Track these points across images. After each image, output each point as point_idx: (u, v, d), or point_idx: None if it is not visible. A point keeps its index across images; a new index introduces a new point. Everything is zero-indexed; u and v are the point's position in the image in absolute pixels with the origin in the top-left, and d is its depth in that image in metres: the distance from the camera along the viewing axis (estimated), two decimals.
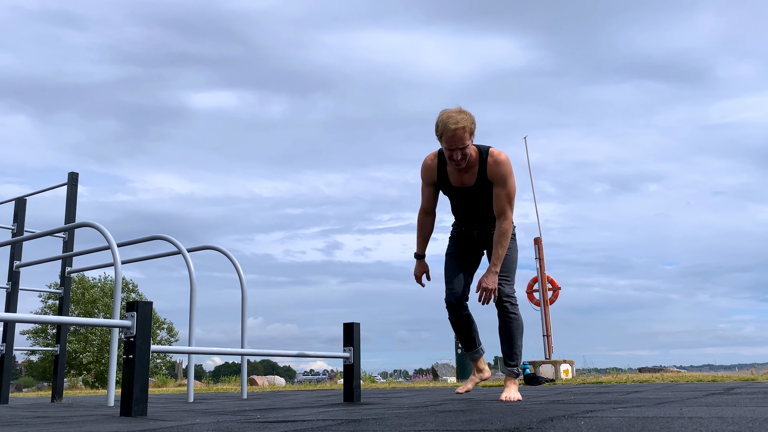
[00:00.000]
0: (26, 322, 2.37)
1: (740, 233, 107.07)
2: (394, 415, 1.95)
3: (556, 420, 1.53)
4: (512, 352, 2.79)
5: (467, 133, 2.58)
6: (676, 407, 1.85)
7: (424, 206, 2.90)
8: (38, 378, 25.00)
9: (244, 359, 4.75)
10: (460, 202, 2.83)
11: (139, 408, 2.22)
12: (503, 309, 2.78)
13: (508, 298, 2.77)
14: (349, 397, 3.15)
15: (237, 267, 4.61)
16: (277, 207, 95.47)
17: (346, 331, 3.22)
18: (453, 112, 2.59)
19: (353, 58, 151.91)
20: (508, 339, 2.78)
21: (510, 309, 2.77)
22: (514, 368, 2.81)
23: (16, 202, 5.49)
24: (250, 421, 1.89)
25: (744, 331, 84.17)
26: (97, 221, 3.86)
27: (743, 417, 1.45)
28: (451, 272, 2.87)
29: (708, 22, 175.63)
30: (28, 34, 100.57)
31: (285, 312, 65.71)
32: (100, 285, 23.36)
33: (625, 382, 5.12)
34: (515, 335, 2.78)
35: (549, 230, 75.26)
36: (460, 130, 2.55)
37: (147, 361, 2.27)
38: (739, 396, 2.41)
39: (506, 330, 2.78)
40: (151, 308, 2.33)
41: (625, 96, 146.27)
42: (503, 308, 2.78)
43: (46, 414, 2.84)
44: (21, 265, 5.27)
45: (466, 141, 2.58)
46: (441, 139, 2.62)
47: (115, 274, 3.65)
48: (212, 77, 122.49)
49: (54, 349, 5.33)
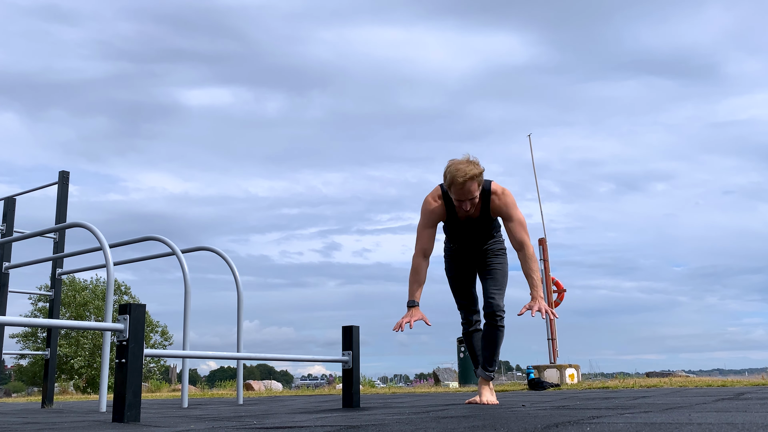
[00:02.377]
0: (16, 325, 2.31)
1: (750, 234, 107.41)
2: (394, 420, 1.91)
3: (561, 426, 1.50)
4: (492, 359, 2.97)
5: (476, 185, 2.65)
6: (685, 413, 1.82)
7: (423, 248, 2.81)
8: (28, 383, 24.79)
9: (240, 363, 4.69)
10: (459, 230, 2.95)
11: (132, 414, 2.17)
12: (494, 320, 2.93)
13: (500, 312, 2.94)
14: (348, 402, 3.11)
15: (232, 268, 4.56)
16: (274, 207, 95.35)
17: (345, 334, 3.17)
18: (462, 165, 2.62)
19: (352, 53, 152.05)
20: (492, 346, 2.95)
21: (499, 321, 2.94)
22: (491, 373, 3.00)
23: (6, 202, 5.41)
24: (247, 427, 1.85)
25: (754, 335, 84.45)
26: (88, 221, 3.80)
27: (754, 423, 1.42)
28: (461, 292, 3.05)
29: (716, 17, 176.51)
30: (17, 29, 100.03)
31: (282, 315, 65.63)
32: (92, 287, 23.20)
33: (632, 387, 5.08)
34: (498, 344, 2.96)
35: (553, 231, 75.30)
36: (469, 182, 2.61)
37: (140, 365, 2.22)
38: (749, 401, 2.38)
39: (491, 338, 2.94)
40: (145, 311, 2.28)
41: (631, 93, 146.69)
42: (494, 319, 2.93)
43: (36, 420, 2.78)
44: (10, 266, 5.19)
45: (475, 193, 2.67)
46: (450, 189, 2.67)
47: (107, 275, 3.60)
48: (206, 73, 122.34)
49: (44, 353, 5.25)
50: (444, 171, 2.67)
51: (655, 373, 11.39)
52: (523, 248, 2.76)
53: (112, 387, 2.39)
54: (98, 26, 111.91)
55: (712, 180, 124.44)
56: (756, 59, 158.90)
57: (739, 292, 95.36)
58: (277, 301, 63.89)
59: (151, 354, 2.49)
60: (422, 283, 2.80)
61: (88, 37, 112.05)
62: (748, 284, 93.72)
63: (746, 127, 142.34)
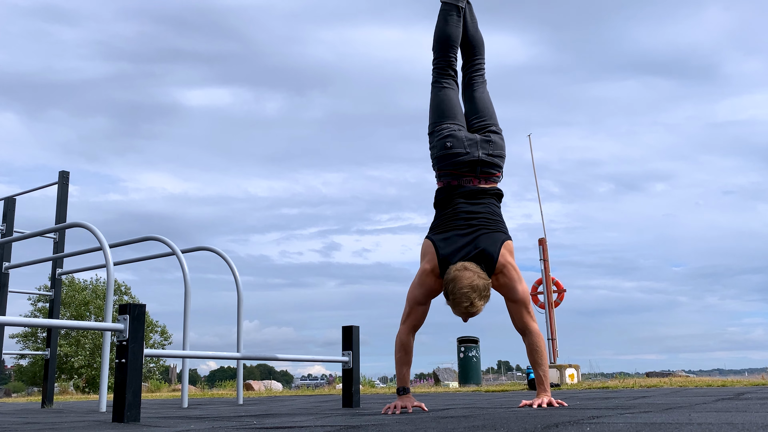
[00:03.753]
0: (16, 325, 2.31)
1: (750, 234, 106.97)
2: (394, 421, 1.91)
3: (561, 426, 1.50)
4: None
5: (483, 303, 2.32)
6: (685, 413, 1.81)
7: (414, 325, 2.47)
8: (28, 383, 24.75)
9: (240, 363, 4.69)
10: None
11: (132, 414, 2.17)
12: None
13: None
14: (348, 402, 3.10)
15: (232, 268, 4.56)
16: (274, 207, 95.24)
17: (345, 334, 3.17)
18: (467, 288, 2.24)
19: (351, 54, 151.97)
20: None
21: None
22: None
23: (6, 202, 5.41)
24: (246, 427, 1.85)
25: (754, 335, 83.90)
26: (88, 221, 3.80)
27: (754, 423, 1.42)
28: None
29: (715, 18, 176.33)
30: (17, 30, 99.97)
31: (281, 315, 65.54)
32: (92, 287, 23.19)
33: (632, 387, 5.08)
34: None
35: (553, 231, 75.08)
36: (474, 313, 2.31)
37: (140, 365, 2.22)
38: (749, 401, 2.37)
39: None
40: (144, 311, 2.28)
41: (630, 93, 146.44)
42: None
43: (36, 420, 2.78)
44: (10, 266, 5.19)
45: (481, 309, 2.33)
46: (451, 305, 2.32)
47: (107, 275, 3.60)
48: (206, 74, 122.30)
49: (44, 353, 5.25)
50: (448, 285, 2.29)
51: (655, 373, 11.38)
52: (527, 334, 2.41)
53: (112, 387, 2.39)
54: (98, 26, 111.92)
55: (711, 180, 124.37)
56: (755, 59, 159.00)
57: (739, 292, 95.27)
58: (277, 301, 63.83)
59: (151, 354, 2.49)
60: (411, 364, 2.48)
61: (87, 37, 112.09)
62: (748, 284, 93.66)
63: (746, 127, 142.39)
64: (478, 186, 2.54)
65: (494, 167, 2.57)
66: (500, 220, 2.54)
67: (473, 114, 2.71)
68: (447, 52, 2.76)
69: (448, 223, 2.48)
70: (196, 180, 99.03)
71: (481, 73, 2.83)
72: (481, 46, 2.85)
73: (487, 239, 2.41)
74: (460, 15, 2.78)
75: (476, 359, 10.10)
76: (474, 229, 2.44)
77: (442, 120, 2.64)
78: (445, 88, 2.72)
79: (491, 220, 2.49)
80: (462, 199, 2.51)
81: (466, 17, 2.82)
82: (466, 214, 2.47)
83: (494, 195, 2.57)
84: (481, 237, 2.42)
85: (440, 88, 2.72)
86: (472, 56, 2.83)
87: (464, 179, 2.54)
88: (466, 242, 2.41)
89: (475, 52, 2.83)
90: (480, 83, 2.79)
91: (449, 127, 2.60)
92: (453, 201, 2.52)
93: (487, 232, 2.44)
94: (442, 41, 2.76)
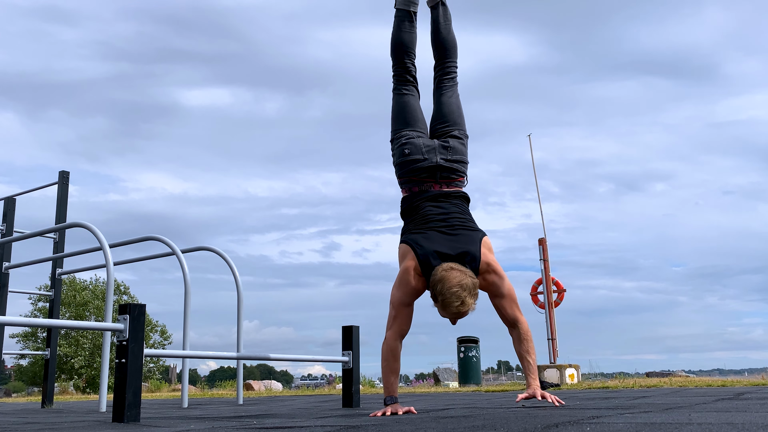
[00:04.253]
0: (16, 325, 2.31)
1: (750, 234, 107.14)
2: (394, 421, 1.91)
3: (561, 426, 1.50)
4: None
5: (473, 302, 2.29)
6: (685, 413, 1.82)
7: (401, 330, 2.38)
8: (28, 383, 24.74)
9: (240, 363, 4.69)
10: None
11: (132, 414, 2.17)
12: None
13: None
14: (348, 402, 3.10)
15: (232, 268, 4.56)
16: (273, 207, 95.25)
17: (345, 334, 3.17)
18: (456, 287, 2.21)
19: (350, 54, 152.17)
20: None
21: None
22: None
23: (6, 202, 5.41)
24: (246, 427, 1.85)
25: (754, 335, 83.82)
26: (88, 221, 3.80)
27: (754, 423, 1.42)
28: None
29: (714, 18, 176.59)
30: (17, 30, 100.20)
31: (281, 315, 65.52)
32: (92, 287, 23.17)
33: (632, 387, 5.07)
34: None
35: (553, 231, 74.99)
36: (464, 312, 2.28)
37: (140, 365, 2.22)
38: (749, 401, 2.37)
39: None
40: (144, 311, 2.28)
41: (630, 93, 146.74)
42: None
43: (36, 420, 2.78)
44: (10, 266, 5.19)
45: (472, 308, 2.31)
46: (439, 307, 2.29)
47: (107, 275, 3.60)
48: (206, 74, 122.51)
49: (44, 353, 5.25)
50: (436, 285, 2.25)
51: (655, 373, 11.37)
52: (517, 326, 2.41)
53: (112, 387, 2.39)
54: (98, 27, 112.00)
55: (711, 180, 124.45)
56: (755, 59, 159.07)
57: (739, 292, 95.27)
58: (277, 301, 63.81)
59: (150, 354, 2.49)
60: (399, 372, 2.39)
61: (87, 37, 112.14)
62: (748, 284, 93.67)
63: (745, 128, 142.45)
64: (441, 190, 2.55)
65: (454, 172, 2.58)
66: (472, 219, 2.55)
67: (437, 118, 2.73)
68: (402, 58, 2.80)
69: (424, 224, 2.46)
70: (196, 180, 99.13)
71: (452, 76, 2.82)
72: (452, 49, 2.84)
73: (467, 239, 2.42)
74: (413, 21, 2.81)
75: (476, 359, 10.10)
76: (452, 227, 2.44)
77: (402, 128, 2.68)
78: (405, 95, 2.75)
79: (465, 218, 2.50)
80: (429, 203, 2.52)
81: (438, 19, 2.83)
82: (440, 215, 2.47)
83: (460, 197, 2.58)
84: (460, 236, 2.42)
85: (400, 96, 2.76)
86: (442, 59, 2.83)
87: (425, 185, 2.56)
88: (446, 240, 2.40)
89: (446, 55, 2.82)
90: (448, 87, 2.78)
91: (408, 134, 2.64)
92: (420, 206, 2.52)
93: (465, 231, 2.44)
94: (396, 48, 2.80)
